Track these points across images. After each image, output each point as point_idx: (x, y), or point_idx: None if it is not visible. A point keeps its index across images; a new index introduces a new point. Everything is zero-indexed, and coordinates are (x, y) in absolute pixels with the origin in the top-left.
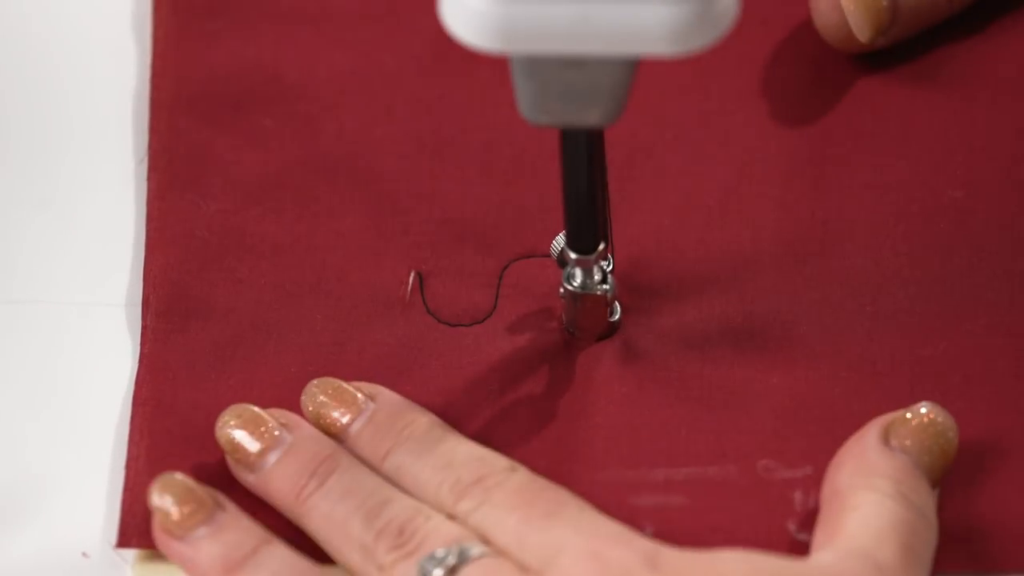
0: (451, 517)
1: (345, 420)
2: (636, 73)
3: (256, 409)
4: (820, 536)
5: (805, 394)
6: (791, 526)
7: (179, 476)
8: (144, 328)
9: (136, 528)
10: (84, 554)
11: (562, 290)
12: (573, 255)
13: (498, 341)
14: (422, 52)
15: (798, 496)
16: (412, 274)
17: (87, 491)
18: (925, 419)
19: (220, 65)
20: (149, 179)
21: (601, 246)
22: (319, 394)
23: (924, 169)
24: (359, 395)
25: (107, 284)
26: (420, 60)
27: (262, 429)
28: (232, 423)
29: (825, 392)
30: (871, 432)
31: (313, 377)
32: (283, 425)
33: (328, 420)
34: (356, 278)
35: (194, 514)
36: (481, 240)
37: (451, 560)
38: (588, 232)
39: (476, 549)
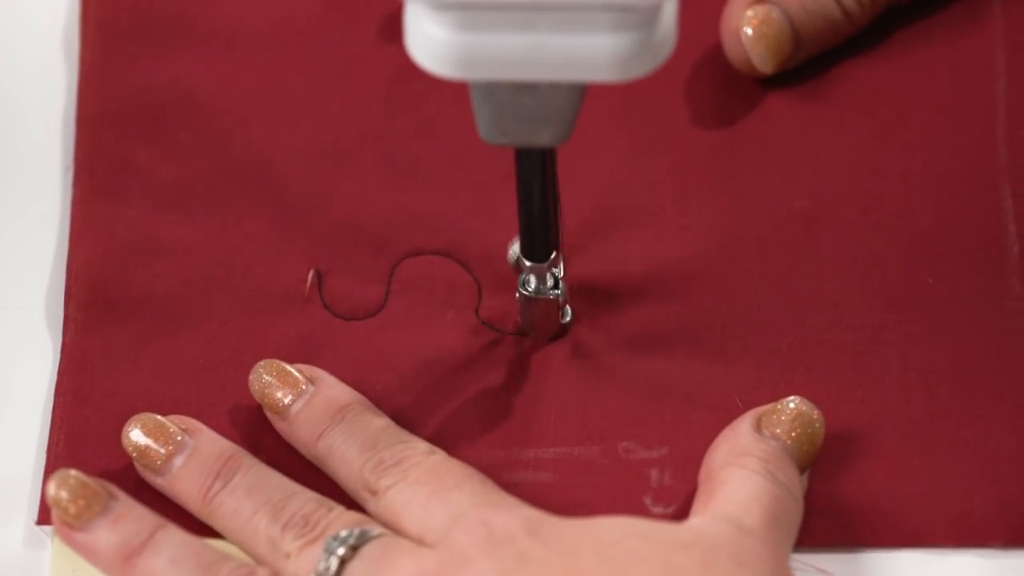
0: (372, 492)
1: (287, 400)
2: (584, 98)
3: (159, 417)
4: (694, 509)
5: (662, 382)
6: (647, 500)
7: (73, 472)
8: (66, 319)
9: None
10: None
11: (518, 295)
12: (527, 262)
13: (387, 334)
14: (324, 71)
15: (654, 474)
16: (311, 272)
17: (15, 475)
18: (794, 411)
19: (140, 83)
20: (74, 187)
21: (553, 254)
22: (264, 374)
23: (774, 179)
24: (301, 377)
25: (30, 288)
26: (322, 78)
27: (166, 435)
28: (137, 431)
29: (681, 381)
30: (744, 421)
31: (219, 367)
32: (184, 430)
33: (271, 399)
34: (260, 275)
35: (89, 506)
36: (375, 241)
37: (352, 540)
38: (542, 242)
39: (376, 530)
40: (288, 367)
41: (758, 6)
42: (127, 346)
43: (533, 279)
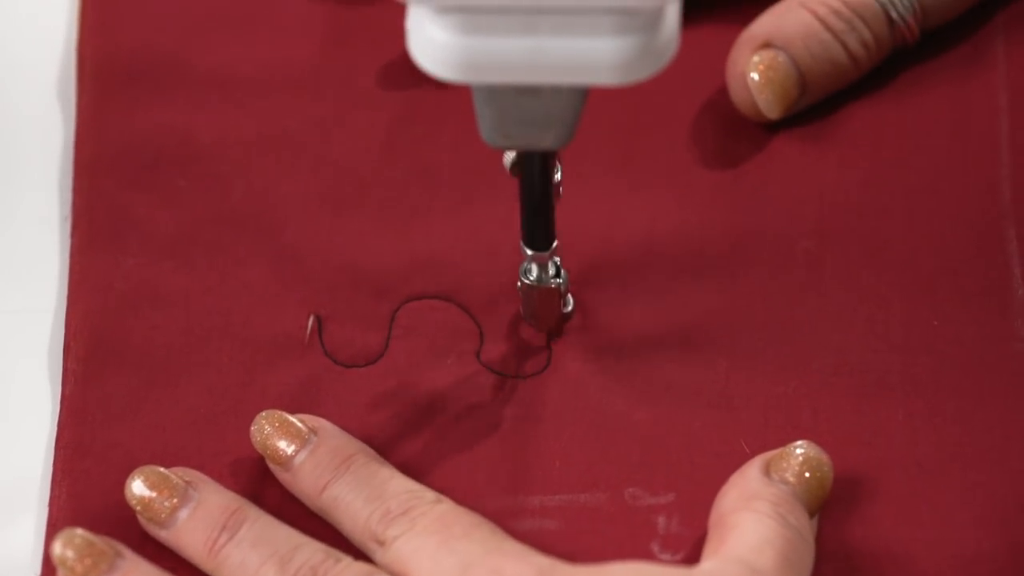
0: (379, 543)
1: (290, 451)
2: (586, 101)
3: (161, 469)
4: (705, 554)
5: (668, 428)
6: (655, 547)
7: (79, 531)
8: (65, 372)
9: None
10: None
11: (519, 283)
12: (529, 252)
13: (389, 380)
14: (322, 117)
15: (661, 520)
16: (311, 318)
17: (17, 528)
18: (802, 455)
19: (137, 130)
20: (72, 236)
21: (555, 244)
22: (266, 425)
23: (777, 220)
24: (303, 427)
25: (31, 332)
26: (321, 124)
27: (170, 488)
28: (140, 483)
29: (686, 426)
30: (753, 466)
31: (221, 417)
32: (188, 483)
33: (274, 451)
34: (260, 324)
35: (96, 565)
36: (375, 286)
37: None
38: (543, 231)
39: None
40: (290, 417)
41: (764, 51)
42: (127, 397)
43: (535, 268)
